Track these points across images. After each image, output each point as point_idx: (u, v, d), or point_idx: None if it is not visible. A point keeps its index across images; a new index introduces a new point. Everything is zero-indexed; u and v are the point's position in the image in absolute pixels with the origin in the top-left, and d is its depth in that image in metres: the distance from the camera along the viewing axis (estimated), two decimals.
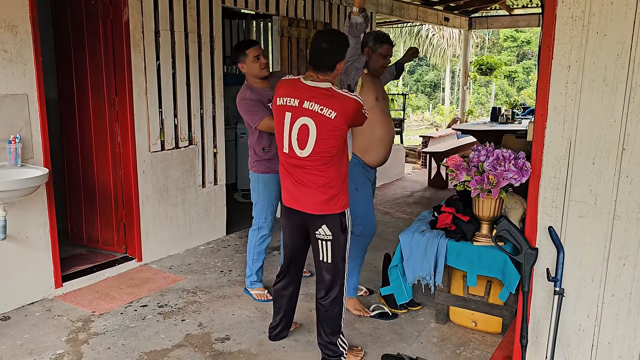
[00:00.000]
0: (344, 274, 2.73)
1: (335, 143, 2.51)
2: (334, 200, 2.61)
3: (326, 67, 2.49)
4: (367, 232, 3.30)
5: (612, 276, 2.25)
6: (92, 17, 3.98)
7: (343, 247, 2.69)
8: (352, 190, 3.24)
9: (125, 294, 3.70)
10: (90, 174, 4.24)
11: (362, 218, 3.27)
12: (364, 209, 3.27)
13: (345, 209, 2.67)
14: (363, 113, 2.55)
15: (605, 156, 2.19)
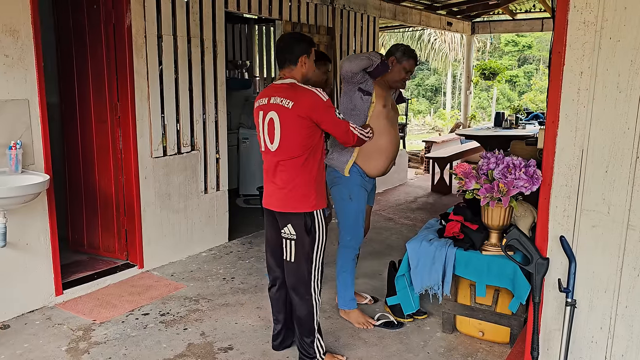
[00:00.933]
0: (311, 278, 2.71)
1: (299, 137, 2.56)
2: (300, 199, 2.62)
3: (288, 60, 2.63)
4: (353, 243, 3.26)
5: (626, 287, 2.20)
6: (94, 22, 3.95)
7: (308, 250, 2.67)
8: (346, 199, 3.21)
9: (127, 302, 3.65)
10: (91, 179, 4.20)
11: (351, 228, 3.24)
12: (354, 219, 3.23)
13: (313, 210, 2.65)
14: (332, 112, 2.57)
15: (618, 164, 2.14)
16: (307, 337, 2.78)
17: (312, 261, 2.69)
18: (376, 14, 6.76)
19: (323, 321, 3.40)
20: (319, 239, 2.69)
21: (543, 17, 8.92)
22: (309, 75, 2.71)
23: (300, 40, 2.67)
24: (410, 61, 3.25)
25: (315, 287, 2.74)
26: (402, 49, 3.25)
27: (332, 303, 3.63)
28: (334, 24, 5.96)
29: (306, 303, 2.72)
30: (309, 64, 2.68)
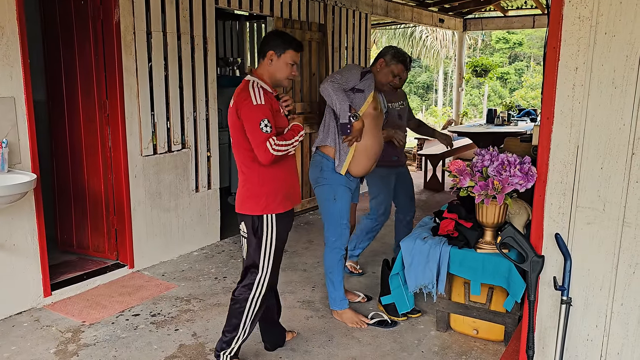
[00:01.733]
0: (256, 279, 2.61)
1: (241, 136, 2.49)
2: (249, 200, 2.57)
3: (260, 53, 2.56)
4: (339, 243, 3.23)
5: (622, 285, 2.17)
6: (81, 18, 3.88)
7: (256, 250, 2.59)
8: (330, 199, 3.19)
9: (117, 303, 3.60)
10: (80, 178, 4.13)
11: (335, 229, 3.22)
12: (338, 219, 3.21)
13: (263, 213, 2.55)
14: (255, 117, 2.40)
15: (614, 160, 2.12)
16: (228, 333, 2.68)
17: (257, 264, 2.59)
18: (368, 10, 6.72)
19: (316, 320, 3.37)
20: (266, 243, 2.57)
21: (534, 13, 8.93)
22: (277, 77, 2.56)
23: (278, 36, 2.57)
24: (399, 66, 3.18)
25: (257, 292, 2.61)
26: (392, 52, 3.18)
27: (325, 303, 3.60)
28: (325, 21, 5.92)
29: (243, 303, 2.62)
30: (279, 64, 2.54)
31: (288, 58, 2.54)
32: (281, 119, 2.57)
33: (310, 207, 6.04)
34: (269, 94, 2.55)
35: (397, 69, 3.18)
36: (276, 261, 2.64)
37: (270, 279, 2.64)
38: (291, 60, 2.55)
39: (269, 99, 2.51)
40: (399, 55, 3.18)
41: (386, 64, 3.18)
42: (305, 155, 5.87)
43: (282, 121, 2.58)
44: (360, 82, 3.11)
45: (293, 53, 2.55)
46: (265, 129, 2.41)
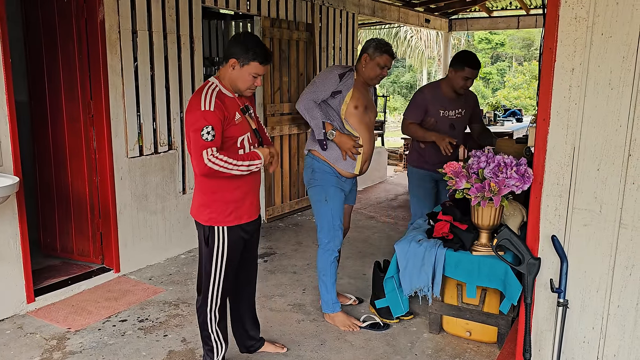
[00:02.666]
0: (208, 292, 2.50)
1: (189, 142, 2.33)
2: (199, 209, 2.46)
3: (224, 56, 2.40)
4: (332, 245, 3.19)
5: (618, 286, 2.17)
6: (65, 16, 3.78)
7: (207, 260, 2.47)
8: (322, 200, 3.16)
9: (103, 308, 3.51)
10: (63, 181, 4.03)
11: (328, 230, 3.18)
12: (330, 221, 3.17)
13: (208, 224, 2.43)
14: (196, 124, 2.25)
15: (610, 162, 2.11)
16: (204, 348, 2.65)
17: (209, 274, 2.49)
18: (355, 10, 6.69)
19: (307, 323, 3.32)
20: (217, 255, 2.46)
21: (519, 14, 8.98)
22: (238, 85, 2.38)
23: (245, 44, 2.34)
24: (384, 56, 3.08)
25: (212, 303, 2.52)
26: (374, 44, 3.09)
27: (317, 306, 3.55)
28: (313, 20, 5.87)
29: (202, 314, 2.55)
30: (241, 73, 2.34)
31: (252, 70, 2.35)
32: (233, 128, 2.38)
33: (299, 208, 5.99)
34: (227, 98, 2.38)
35: (382, 60, 3.08)
36: (228, 274, 2.51)
37: (224, 290, 2.53)
38: (255, 72, 2.36)
39: (223, 105, 2.32)
40: (382, 46, 3.08)
41: (370, 57, 3.09)
42: (292, 155, 5.82)
43: (234, 131, 2.39)
44: (340, 83, 3.07)
45: (258, 66, 2.35)
46: (206, 136, 2.24)
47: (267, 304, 3.58)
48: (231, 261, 2.49)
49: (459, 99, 3.67)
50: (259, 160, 2.40)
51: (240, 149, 2.41)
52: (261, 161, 2.41)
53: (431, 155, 3.66)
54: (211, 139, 2.26)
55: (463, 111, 3.72)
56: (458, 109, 3.69)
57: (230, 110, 2.37)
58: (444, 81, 3.69)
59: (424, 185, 3.73)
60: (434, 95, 3.65)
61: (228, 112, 2.35)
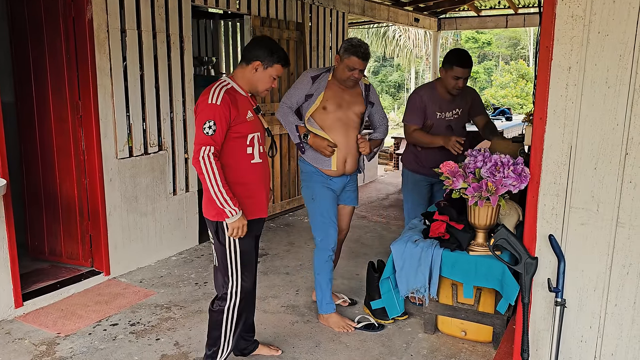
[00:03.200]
0: (228, 289, 2.50)
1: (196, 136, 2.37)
2: (207, 205, 2.47)
3: (243, 58, 2.46)
4: (325, 244, 3.16)
5: (615, 285, 2.17)
6: (52, 15, 3.71)
7: (222, 257, 2.49)
8: (310, 199, 3.16)
9: (93, 312, 3.45)
10: (51, 183, 3.96)
11: (319, 229, 3.17)
12: (320, 219, 3.15)
13: (215, 220, 2.44)
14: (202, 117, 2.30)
15: (607, 161, 2.11)
16: (208, 349, 2.61)
17: (226, 270, 2.49)
18: (345, 9, 6.67)
19: (301, 325, 3.29)
20: (230, 249, 2.47)
21: (507, 13, 9.02)
22: (258, 87, 2.46)
23: (268, 47, 2.43)
24: (353, 58, 2.92)
25: (232, 302, 2.51)
26: (345, 45, 2.97)
27: (310, 307, 3.53)
28: (303, 19, 5.84)
29: (217, 310, 2.53)
30: (263, 75, 2.43)
31: (274, 72, 2.46)
32: (244, 125, 2.42)
33: (290, 209, 5.95)
34: (240, 96, 2.43)
35: (350, 62, 2.95)
36: (246, 266, 2.52)
37: (243, 286, 2.52)
38: (276, 74, 2.47)
39: (234, 101, 2.36)
40: (351, 47, 2.93)
41: (340, 58, 3.01)
42: (283, 155, 5.78)
43: (244, 128, 2.42)
44: (312, 86, 3.06)
45: (280, 68, 2.46)
46: (207, 130, 2.29)
47: (260, 305, 3.54)
48: (246, 253, 2.50)
49: (455, 99, 3.56)
50: (234, 214, 2.35)
51: (249, 146, 2.44)
52: (233, 217, 2.35)
53: (428, 158, 3.56)
54: (212, 133, 2.30)
55: (460, 110, 3.62)
56: (455, 110, 3.60)
57: (242, 107, 2.40)
58: (438, 82, 3.58)
59: (418, 189, 3.69)
60: (430, 96, 3.51)
61: (238, 108, 2.38)
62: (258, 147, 2.50)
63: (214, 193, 2.30)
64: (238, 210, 2.36)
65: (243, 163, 2.46)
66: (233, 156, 2.43)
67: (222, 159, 2.39)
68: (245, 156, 2.46)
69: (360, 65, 2.98)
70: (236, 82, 2.46)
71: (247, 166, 2.47)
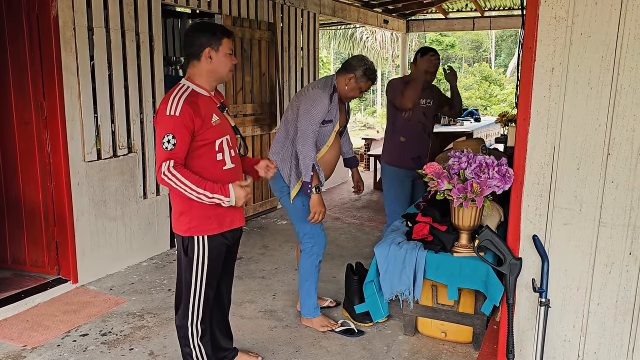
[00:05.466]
0: (188, 302, 2.33)
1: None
2: (177, 219, 2.30)
3: (191, 55, 2.24)
4: (317, 249, 3.13)
5: (598, 284, 2.19)
6: (13, 11, 3.54)
7: (187, 270, 2.31)
8: (299, 206, 3.08)
9: (61, 322, 3.30)
10: (14, 187, 3.77)
11: (311, 234, 3.11)
12: (311, 225, 3.10)
13: (188, 235, 2.27)
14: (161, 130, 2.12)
15: (590, 161, 2.13)
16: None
17: (189, 285, 2.33)
18: (316, 10, 6.63)
19: (280, 330, 3.23)
20: (197, 265, 2.30)
21: (474, 16, 9.16)
22: (221, 73, 2.26)
23: (206, 29, 2.23)
24: (368, 83, 3.08)
25: (194, 316, 2.36)
26: (364, 69, 3.03)
27: (288, 311, 3.46)
28: (275, 20, 5.77)
29: (182, 327, 2.39)
30: (218, 58, 2.23)
31: (226, 48, 2.23)
32: (210, 131, 2.22)
33: (263, 211, 5.87)
34: (202, 99, 2.23)
35: (366, 86, 3.08)
36: (211, 282, 2.36)
37: (205, 301, 2.37)
38: (229, 49, 2.25)
39: (195, 108, 2.16)
40: (370, 73, 3.05)
41: (356, 80, 3.05)
42: (256, 156, 5.68)
43: (211, 134, 2.22)
44: (329, 111, 2.98)
45: (228, 41, 2.25)
46: (166, 144, 2.10)
47: (237, 311, 3.46)
48: (213, 270, 2.34)
49: (425, 91, 3.82)
50: (228, 198, 2.18)
51: (218, 152, 2.25)
52: (230, 200, 2.19)
53: (413, 146, 3.75)
54: (170, 148, 2.11)
55: (431, 101, 3.90)
56: (427, 99, 3.88)
57: (206, 111, 2.21)
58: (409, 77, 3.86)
59: (403, 186, 3.71)
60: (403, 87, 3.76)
61: (202, 115, 2.18)
62: (229, 151, 2.31)
63: (197, 197, 2.15)
64: (228, 194, 2.17)
65: (215, 171, 2.26)
66: (204, 165, 2.23)
67: (191, 170, 2.19)
68: (216, 163, 2.27)
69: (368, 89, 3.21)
70: (195, 82, 2.26)
71: (220, 174, 2.28)
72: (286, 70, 6.11)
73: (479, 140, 3.62)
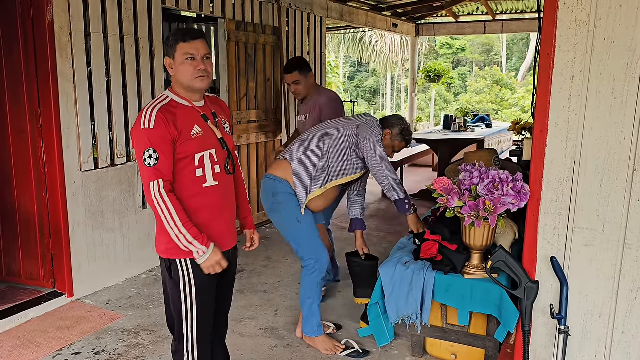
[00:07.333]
0: (182, 329, 2.15)
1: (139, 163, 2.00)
2: (158, 237, 2.12)
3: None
4: (319, 265, 2.93)
5: (622, 311, 2.01)
6: (8, 17, 3.43)
7: (175, 292, 2.11)
8: (294, 221, 2.91)
9: (54, 340, 3.16)
10: (8, 198, 3.66)
11: (310, 249, 2.94)
12: (310, 241, 2.94)
13: (166, 257, 2.09)
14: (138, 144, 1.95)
15: (614, 177, 1.95)
16: None
17: (180, 311, 2.13)
18: (323, 13, 6.49)
19: (281, 350, 3.07)
20: (185, 288, 2.10)
21: (486, 19, 8.98)
22: (185, 82, 2.02)
23: (167, 38, 2.05)
24: (402, 144, 3.08)
25: (189, 344, 2.16)
26: (401, 128, 3.01)
27: (290, 329, 3.30)
28: (280, 24, 5.64)
29: (176, 352, 2.21)
30: (176, 66, 2.01)
31: (181, 54, 1.99)
32: (189, 143, 2.01)
33: (267, 221, 5.71)
34: (180, 109, 2.03)
35: (399, 147, 3.05)
36: (202, 304, 2.15)
37: (199, 325, 2.17)
38: (186, 54, 1.99)
39: (171, 118, 1.96)
40: (406, 134, 3.03)
41: (391, 137, 3.02)
42: (260, 165, 5.55)
43: (190, 147, 2.02)
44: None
45: (184, 45, 1.99)
46: (148, 160, 1.93)
47: (237, 328, 3.31)
48: (204, 292, 2.14)
49: (306, 104, 3.84)
50: (204, 250, 1.99)
51: (198, 168, 2.04)
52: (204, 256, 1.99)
53: None
54: (153, 163, 1.93)
55: (305, 117, 3.84)
56: (302, 115, 3.86)
57: (184, 122, 2.00)
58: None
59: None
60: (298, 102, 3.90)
61: (178, 126, 1.98)
62: (211, 167, 2.08)
63: (175, 235, 1.95)
64: (208, 247, 1.99)
65: (192, 188, 2.05)
66: (180, 180, 2.03)
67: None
68: (195, 180, 2.05)
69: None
70: (174, 92, 2.06)
71: (197, 191, 2.06)
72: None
73: (491, 151, 3.42)
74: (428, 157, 8.50)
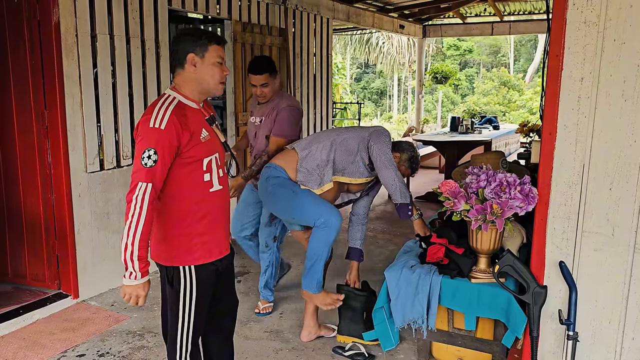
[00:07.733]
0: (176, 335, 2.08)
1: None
2: (158, 246, 2.05)
3: (176, 62, 2.00)
4: (333, 220, 2.76)
5: (633, 317, 1.98)
6: (15, 19, 3.44)
7: (173, 302, 2.05)
8: (291, 195, 2.86)
9: (59, 341, 3.16)
10: (15, 199, 3.66)
11: (316, 213, 2.78)
12: (311, 204, 2.82)
13: (171, 264, 2.02)
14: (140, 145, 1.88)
15: (624, 181, 1.92)
16: None
17: (176, 317, 2.08)
18: (329, 15, 6.47)
19: (286, 353, 3.05)
20: (185, 296, 2.04)
21: (493, 21, 8.94)
22: (208, 84, 1.99)
23: (192, 34, 1.99)
24: (408, 171, 3.09)
25: (182, 350, 2.11)
26: (411, 155, 3.02)
27: (295, 331, 3.28)
28: (286, 25, 5.62)
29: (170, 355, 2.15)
30: (203, 66, 1.97)
31: (214, 56, 1.97)
32: (199, 148, 1.97)
33: None
34: (190, 111, 1.99)
35: (404, 173, 3.04)
36: (200, 311, 2.12)
37: (194, 332, 2.13)
38: (218, 57, 1.99)
39: (183, 122, 1.92)
40: (414, 162, 3.06)
41: (399, 162, 3.01)
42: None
43: (199, 151, 1.97)
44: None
45: (218, 47, 1.99)
46: (145, 160, 1.85)
47: (241, 330, 3.29)
48: (202, 299, 2.11)
49: (262, 107, 3.44)
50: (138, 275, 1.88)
51: (206, 172, 1.98)
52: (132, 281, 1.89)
53: None
54: (151, 164, 1.86)
55: (260, 119, 3.43)
56: (257, 117, 3.48)
57: (195, 125, 1.96)
58: None
59: None
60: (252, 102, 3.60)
61: (191, 129, 1.93)
62: (217, 171, 2.05)
63: (126, 242, 1.85)
64: (143, 277, 1.89)
65: (199, 193, 2.01)
66: (187, 185, 1.98)
67: (172, 191, 1.96)
68: (202, 184, 2.00)
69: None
70: (181, 93, 2.00)
71: (204, 196, 2.02)
72: (298, 76, 5.96)
73: (498, 153, 3.37)
74: (435, 158, 8.47)
